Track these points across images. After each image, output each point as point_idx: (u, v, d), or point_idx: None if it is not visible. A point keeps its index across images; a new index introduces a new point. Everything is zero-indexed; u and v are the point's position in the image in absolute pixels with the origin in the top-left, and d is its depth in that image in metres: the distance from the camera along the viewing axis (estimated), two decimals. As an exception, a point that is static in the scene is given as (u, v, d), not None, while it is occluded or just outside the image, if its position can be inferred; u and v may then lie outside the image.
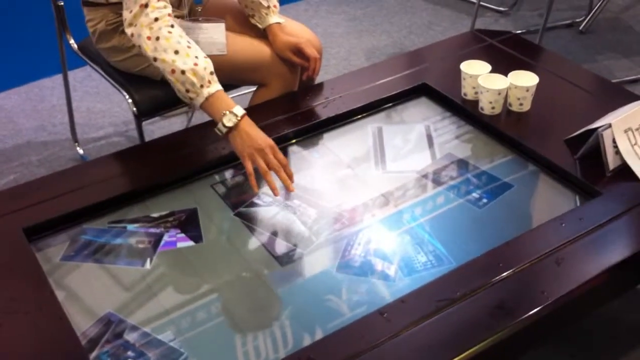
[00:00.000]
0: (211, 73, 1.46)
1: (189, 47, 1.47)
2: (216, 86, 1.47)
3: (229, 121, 1.44)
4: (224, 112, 1.44)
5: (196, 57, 1.46)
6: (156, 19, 1.47)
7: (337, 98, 1.82)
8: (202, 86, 1.45)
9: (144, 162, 1.63)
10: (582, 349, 1.69)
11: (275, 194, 1.41)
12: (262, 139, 1.44)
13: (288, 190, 1.42)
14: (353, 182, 1.61)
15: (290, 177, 1.44)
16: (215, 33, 1.76)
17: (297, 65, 1.83)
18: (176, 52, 1.45)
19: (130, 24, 1.49)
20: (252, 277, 1.38)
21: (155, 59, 1.47)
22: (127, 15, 1.49)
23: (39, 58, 2.72)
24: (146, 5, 1.47)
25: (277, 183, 1.47)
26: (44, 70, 2.76)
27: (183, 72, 1.44)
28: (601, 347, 1.70)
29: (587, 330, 1.72)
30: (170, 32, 1.47)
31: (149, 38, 1.47)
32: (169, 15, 1.49)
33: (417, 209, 1.52)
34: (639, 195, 1.48)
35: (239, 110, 1.45)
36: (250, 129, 1.45)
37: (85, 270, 1.39)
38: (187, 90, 1.45)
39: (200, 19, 1.79)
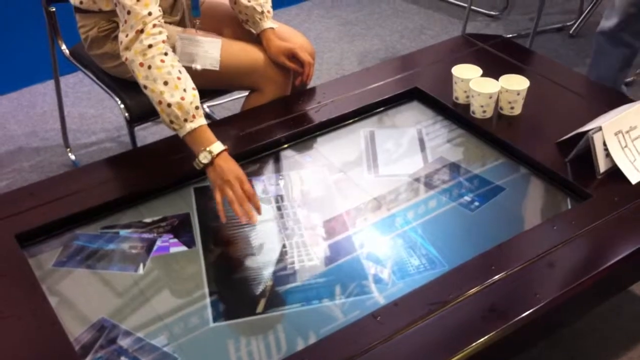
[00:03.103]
0: (196, 108, 1.48)
1: (179, 78, 1.48)
2: (199, 121, 1.48)
3: (204, 158, 1.46)
4: (202, 148, 1.46)
5: (184, 90, 1.47)
6: (150, 46, 1.47)
7: (330, 102, 1.83)
8: (185, 120, 1.47)
9: (136, 168, 1.63)
10: (575, 350, 1.69)
11: (242, 221, 1.44)
12: (232, 172, 1.46)
13: (250, 221, 1.45)
14: (345, 186, 1.62)
15: (257, 208, 1.46)
16: (211, 48, 1.76)
17: (291, 70, 1.84)
18: (165, 83, 1.46)
19: (126, 48, 1.49)
20: (245, 282, 1.38)
21: (145, 87, 1.49)
22: (123, 38, 1.50)
23: (31, 64, 2.71)
24: (142, 31, 1.47)
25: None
26: (36, 76, 2.75)
27: (169, 105, 1.46)
28: (594, 349, 1.70)
29: (579, 332, 1.73)
30: (162, 61, 1.47)
31: (141, 65, 1.47)
32: (164, 42, 1.49)
33: (410, 213, 1.53)
34: (630, 198, 1.49)
35: (216, 148, 1.47)
36: (224, 162, 1.47)
37: (78, 276, 1.39)
38: (172, 122, 1.48)
39: (197, 31, 1.79)
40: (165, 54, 1.49)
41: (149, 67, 1.47)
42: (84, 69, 2.00)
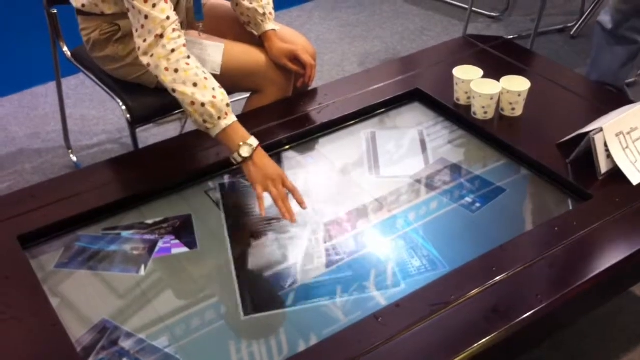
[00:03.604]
0: (227, 105, 1.51)
1: (205, 78, 1.50)
2: (232, 117, 1.51)
3: (245, 152, 1.49)
4: (240, 143, 1.49)
5: (213, 89, 1.50)
6: (173, 50, 1.49)
7: (331, 104, 1.83)
8: (219, 118, 1.49)
9: (138, 169, 1.63)
10: (576, 351, 1.69)
11: (285, 218, 1.47)
12: (274, 169, 1.50)
13: (291, 219, 1.47)
14: (347, 188, 1.62)
15: (300, 203, 1.49)
16: (214, 52, 1.77)
17: (292, 71, 1.84)
18: (195, 85, 1.48)
19: (145, 53, 1.51)
20: (246, 282, 1.38)
21: (174, 90, 1.50)
22: (140, 43, 1.51)
23: (32, 65, 2.72)
24: (162, 36, 1.49)
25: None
26: (37, 78, 2.76)
27: (203, 104, 1.48)
28: (595, 350, 1.70)
29: (581, 333, 1.73)
30: (188, 64, 1.50)
31: (167, 69, 1.49)
32: (184, 45, 1.52)
33: (411, 214, 1.53)
34: (631, 198, 1.49)
35: (254, 141, 1.50)
36: (263, 159, 1.51)
37: (79, 277, 1.39)
38: (205, 121, 1.50)
39: (200, 34, 1.79)
40: (188, 57, 1.51)
41: (176, 70, 1.49)
42: (86, 71, 2.00)
